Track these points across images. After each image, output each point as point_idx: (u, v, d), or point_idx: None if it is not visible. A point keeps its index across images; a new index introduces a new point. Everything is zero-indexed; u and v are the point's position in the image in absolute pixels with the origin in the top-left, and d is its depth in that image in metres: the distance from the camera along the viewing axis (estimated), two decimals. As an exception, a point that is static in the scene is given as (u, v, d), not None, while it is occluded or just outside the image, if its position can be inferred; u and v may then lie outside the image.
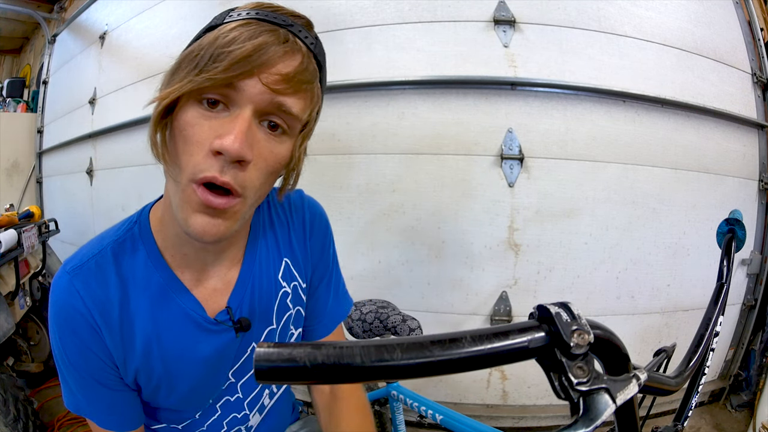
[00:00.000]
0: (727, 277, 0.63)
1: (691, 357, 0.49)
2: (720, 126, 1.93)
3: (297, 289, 0.67)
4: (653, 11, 1.88)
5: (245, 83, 0.45)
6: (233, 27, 0.46)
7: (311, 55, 0.49)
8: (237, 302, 0.61)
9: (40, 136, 3.68)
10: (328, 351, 0.23)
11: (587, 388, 0.24)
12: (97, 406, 0.57)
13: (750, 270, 2.04)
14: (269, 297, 0.64)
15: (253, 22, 0.47)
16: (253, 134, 0.46)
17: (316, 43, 0.51)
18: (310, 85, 0.49)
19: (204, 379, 0.61)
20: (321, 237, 0.69)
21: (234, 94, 0.45)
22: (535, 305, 0.26)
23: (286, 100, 0.47)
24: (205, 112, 0.46)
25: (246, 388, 0.66)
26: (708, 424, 1.93)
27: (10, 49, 4.74)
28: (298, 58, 0.47)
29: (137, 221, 0.58)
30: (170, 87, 0.46)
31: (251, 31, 0.45)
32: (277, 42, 0.45)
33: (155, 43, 2.52)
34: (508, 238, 1.79)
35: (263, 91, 0.45)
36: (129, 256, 0.56)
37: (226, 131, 0.45)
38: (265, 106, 0.46)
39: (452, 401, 1.88)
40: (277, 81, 0.45)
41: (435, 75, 1.80)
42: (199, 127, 0.46)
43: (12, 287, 1.71)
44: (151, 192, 2.47)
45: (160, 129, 0.49)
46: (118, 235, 0.56)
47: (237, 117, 0.45)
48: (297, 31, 0.48)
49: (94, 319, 0.53)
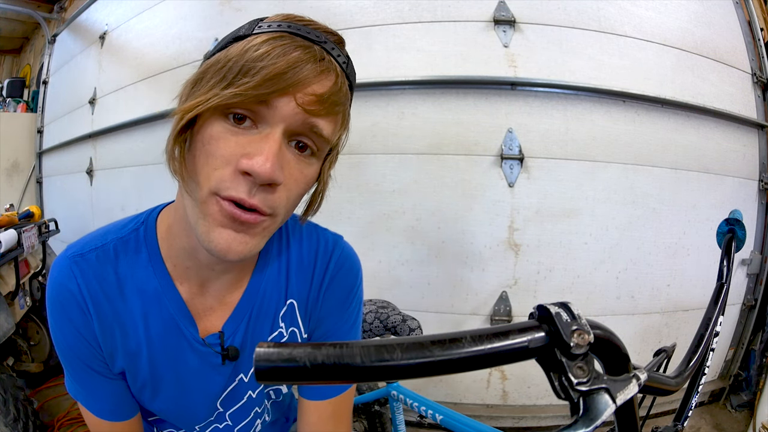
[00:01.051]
0: (727, 277, 0.63)
1: (691, 357, 0.49)
2: (720, 126, 1.93)
3: (295, 335, 0.62)
4: (653, 11, 1.88)
5: (278, 101, 0.42)
6: (264, 39, 0.43)
7: (344, 76, 0.47)
8: (232, 329, 0.58)
9: (40, 136, 3.69)
10: (328, 351, 0.23)
11: (587, 388, 0.24)
12: (90, 391, 0.57)
13: (750, 270, 2.04)
14: (262, 332, 0.60)
15: (285, 35, 0.43)
16: (283, 155, 0.44)
17: (348, 62, 0.48)
18: (342, 107, 0.46)
19: (190, 390, 0.59)
20: (341, 294, 0.62)
21: (265, 112, 0.43)
22: (535, 305, 0.26)
23: (318, 122, 0.44)
24: (231, 128, 0.44)
25: (236, 417, 0.65)
26: (708, 424, 1.93)
27: (10, 49, 4.74)
28: (332, 78, 0.45)
29: (144, 223, 0.57)
30: (193, 99, 0.44)
31: (284, 46, 0.42)
32: (312, 60, 0.43)
33: (155, 43, 2.52)
34: (508, 238, 1.79)
35: (296, 111, 0.43)
36: (130, 256, 0.55)
37: (256, 151, 0.42)
38: (297, 126, 0.44)
39: (452, 401, 1.88)
40: (311, 101, 0.43)
41: (435, 75, 1.80)
42: (224, 142, 0.43)
43: (12, 287, 1.71)
44: (151, 192, 2.49)
45: (180, 143, 0.46)
46: (123, 233, 0.56)
47: (267, 136, 0.43)
48: (330, 49, 0.45)
49: (88, 307, 0.53)
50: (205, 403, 0.62)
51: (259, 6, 2.11)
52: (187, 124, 0.45)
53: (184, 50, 2.34)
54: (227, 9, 2.20)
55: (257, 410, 0.67)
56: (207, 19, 2.27)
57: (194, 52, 2.29)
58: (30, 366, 2.06)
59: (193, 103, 0.43)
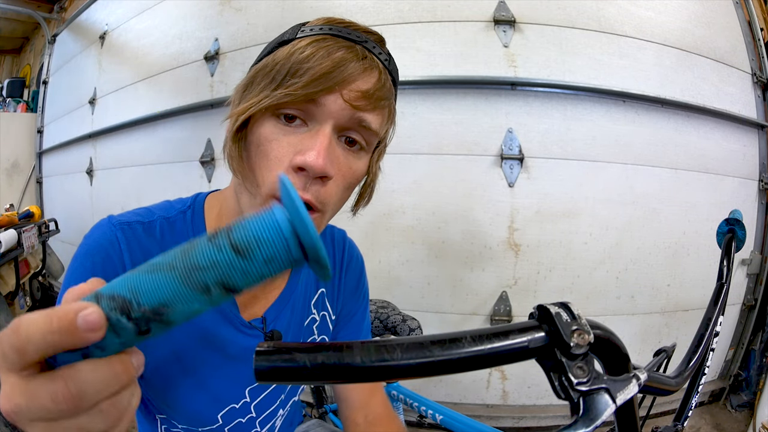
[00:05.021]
0: (727, 277, 0.63)
1: (691, 357, 0.49)
2: (720, 126, 1.93)
3: (326, 319, 0.69)
4: (653, 11, 1.88)
5: (326, 98, 0.44)
6: (309, 42, 0.45)
7: (387, 72, 0.49)
8: (273, 315, 0.61)
9: (40, 136, 3.69)
10: (329, 351, 0.23)
11: (587, 388, 0.24)
12: None
13: (750, 270, 2.04)
14: (299, 320, 0.65)
15: (328, 38, 0.46)
16: (333, 150, 0.46)
17: (389, 59, 0.51)
18: (387, 102, 0.49)
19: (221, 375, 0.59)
20: (355, 278, 0.72)
21: (314, 110, 0.45)
22: (535, 305, 0.26)
23: (365, 116, 0.47)
24: (283, 127, 0.46)
25: (260, 408, 0.65)
26: (708, 424, 1.93)
27: (10, 49, 4.75)
28: (376, 75, 0.47)
29: (191, 207, 0.57)
30: (245, 102, 0.46)
31: (329, 47, 0.45)
32: (356, 58, 0.45)
33: (155, 43, 2.52)
34: (508, 238, 1.79)
35: (344, 107, 0.45)
36: (177, 236, 0.55)
37: (308, 147, 0.44)
38: (345, 122, 0.46)
39: (452, 401, 1.88)
40: (357, 97, 0.45)
41: (435, 75, 1.80)
42: (277, 143, 0.46)
43: (12, 287, 1.71)
44: (151, 192, 2.49)
45: (237, 142, 0.48)
46: (170, 214, 0.56)
47: (318, 132, 0.45)
48: (371, 47, 0.48)
49: None
50: (233, 388, 0.61)
51: (259, 6, 2.11)
52: (241, 126, 0.47)
53: (184, 50, 2.34)
54: (227, 9, 2.20)
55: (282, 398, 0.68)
56: (207, 19, 2.27)
57: (194, 52, 2.28)
58: (30, 366, 2.06)
59: (245, 105, 0.46)
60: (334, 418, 1.31)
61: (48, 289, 2.37)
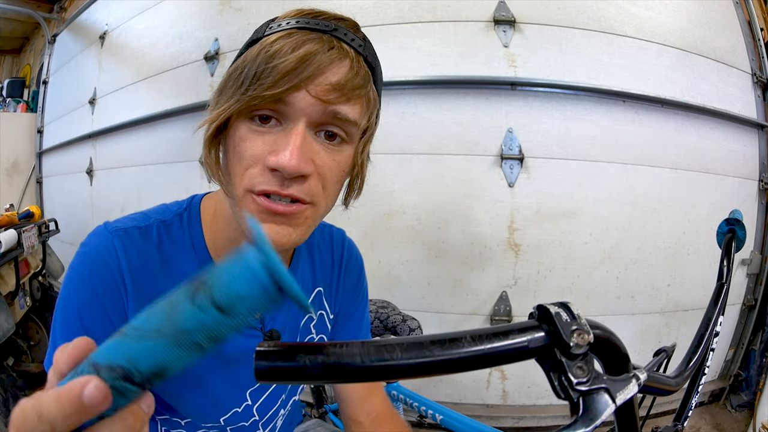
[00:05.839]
0: (727, 277, 0.63)
1: (691, 357, 0.49)
2: (720, 126, 1.93)
3: (323, 317, 0.69)
4: (653, 11, 1.88)
5: (293, 97, 0.43)
6: (275, 39, 0.44)
7: (360, 58, 0.47)
8: (270, 315, 0.61)
9: (40, 136, 3.69)
10: (328, 351, 0.23)
11: (587, 388, 0.24)
12: None
13: (750, 270, 2.04)
14: (296, 319, 0.64)
15: (294, 31, 0.45)
16: (309, 147, 0.45)
17: (364, 44, 0.49)
18: (363, 90, 0.47)
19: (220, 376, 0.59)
20: (354, 278, 0.72)
21: (285, 109, 0.44)
22: (535, 305, 0.26)
23: (340, 108, 0.45)
24: (257, 128, 0.46)
25: (262, 410, 0.65)
26: (708, 424, 1.93)
27: (10, 49, 4.74)
28: (347, 64, 0.45)
29: (187, 209, 0.57)
30: (218, 108, 0.46)
31: (294, 42, 0.43)
32: (322, 50, 0.44)
33: (155, 43, 2.52)
34: (508, 238, 1.79)
35: (313, 102, 0.44)
36: (174, 239, 0.55)
37: (281, 147, 0.44)
38: (319, 117, 0.45)
39: (452, 401, 1.88)
40: (327, 91, 0.44)
41: (435, 75, 1.80)
42: (252, 143, 0.45)
43: (12, 287, 1.71)
44: (151, 192, 2.49)
45: (213, 148, 0.49)
46: (166, 216, 0.56)
47: (290, 132, 0.44)
48: (342, 35, 0.46)
49: (124, 282, 0.51)
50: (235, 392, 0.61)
51: (259, 6, 2.11)
52: (218, 131, 0.47)
53: (184, 50, 2.34)
54: (227, 9, 2.20)
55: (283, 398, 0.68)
56: (207, 19, 2.27)
57: (194, 52, 2.28)
58: (30, 366, 2.06)
59: (217, 112, 0.46)
60: (334, 418, 1.31)
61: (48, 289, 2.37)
